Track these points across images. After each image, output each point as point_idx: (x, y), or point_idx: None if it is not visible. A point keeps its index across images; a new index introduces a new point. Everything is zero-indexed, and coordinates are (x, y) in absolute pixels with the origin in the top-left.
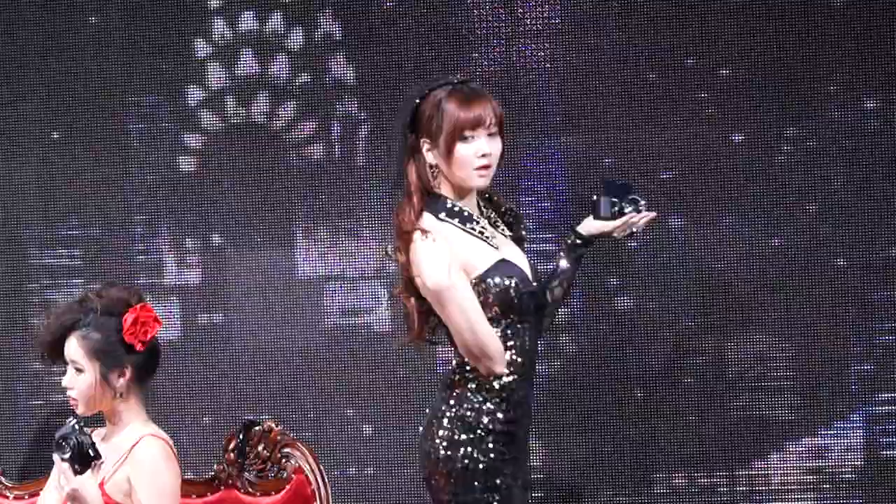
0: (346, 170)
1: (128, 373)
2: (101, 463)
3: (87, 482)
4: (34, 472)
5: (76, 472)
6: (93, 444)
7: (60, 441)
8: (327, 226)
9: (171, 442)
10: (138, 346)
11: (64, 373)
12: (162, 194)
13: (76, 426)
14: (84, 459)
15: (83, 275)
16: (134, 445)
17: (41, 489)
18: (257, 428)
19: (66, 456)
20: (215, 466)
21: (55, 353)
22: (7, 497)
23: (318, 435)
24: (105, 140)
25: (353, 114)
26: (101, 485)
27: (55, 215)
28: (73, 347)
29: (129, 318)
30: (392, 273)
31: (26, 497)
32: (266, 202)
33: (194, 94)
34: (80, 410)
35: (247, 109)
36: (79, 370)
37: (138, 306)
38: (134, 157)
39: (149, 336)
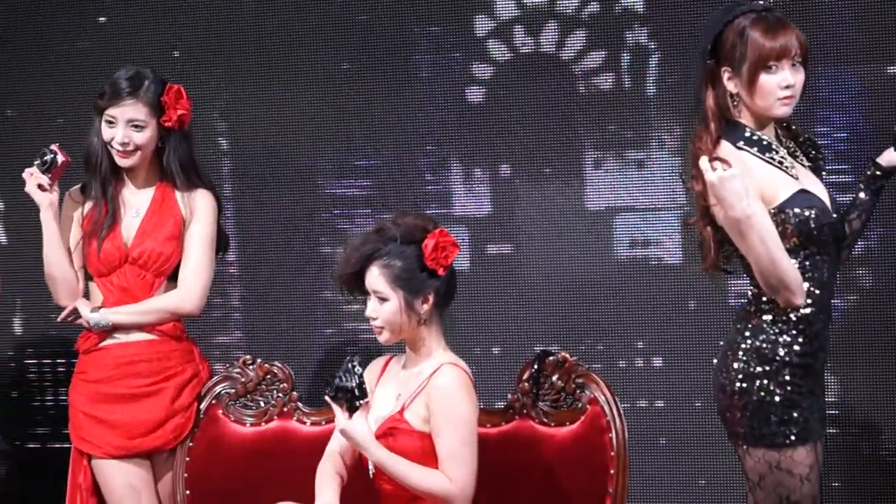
0: (636, 100)
1: (430, 298)
2: (367, 403)
3: (353, 423)
4: None
5: (347, 412)
6: (360, 384)
7: (330, 380)
8: (616, 157)
9: (469, 371)
10: (440, 271)
11: (362, 303)
12: (451, 125)
13: (350, 364)
14: (351, 401)
15: (373, 205)
16: (433, 373)
17: None
18: (551, 358)
19: (332, 395)
20: (509, 396)
21: (354, 285)
22: (304, 423)
23: (607, 366)
24: (394, 71)
25: (643, 43)
26: (402, 411)
27: (346, 146)
28: (375, 277)
29: (429, 243)
30: (683, 203)
31: (323, 423)
32: (555, 133)
33: (483, 24)
34: (384, 338)
35: (535, 39)
36: (382, 299)
37: (437, 231)
38: (423, 88)
39: (449, 260)
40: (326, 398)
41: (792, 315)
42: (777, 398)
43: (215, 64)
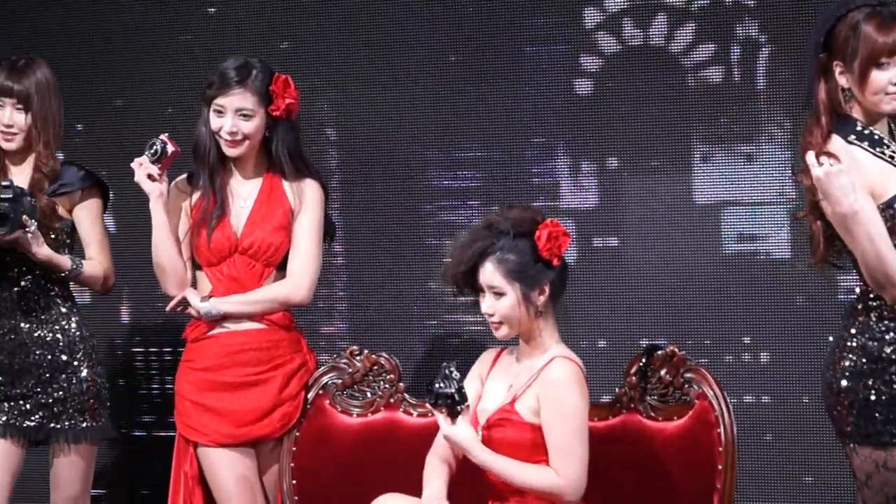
0: (746, 93)
1: (546, 290)
2: (468, 406)
3: (456, 428)
4: None
5: (449, 417)
6: (459, 389)
7: (429, 387)
8: (725, 150)
9: (582, 365)
10: (554, 262)
11: (471, 300)
12: (558, 117)
13: (448, 370)
14: (452, 406)
15: (480, 197)
16: (545, 366)
17: None
18: (660, 352)
19: (432, 401)
20: (616, 390)
21: (466, 282)
22: (411, 414)
23: (713, 361)
24: (502, 63)
25: (753, 36)
26: (513, 402)
27: (453, 138)
28: (490, 272)
29: (542, 234)
30: (792, 198)
31: (429, 415)
32: (663, 126)
33: (592, 16)
34: (502, 333)
35: (644, 31)
36: (498, 294)
37: (548, 222)
38: (531, 79)
39: (562, 250)
40: (427, 405)
41: None
42: (883, 397)
43: (323, 55)
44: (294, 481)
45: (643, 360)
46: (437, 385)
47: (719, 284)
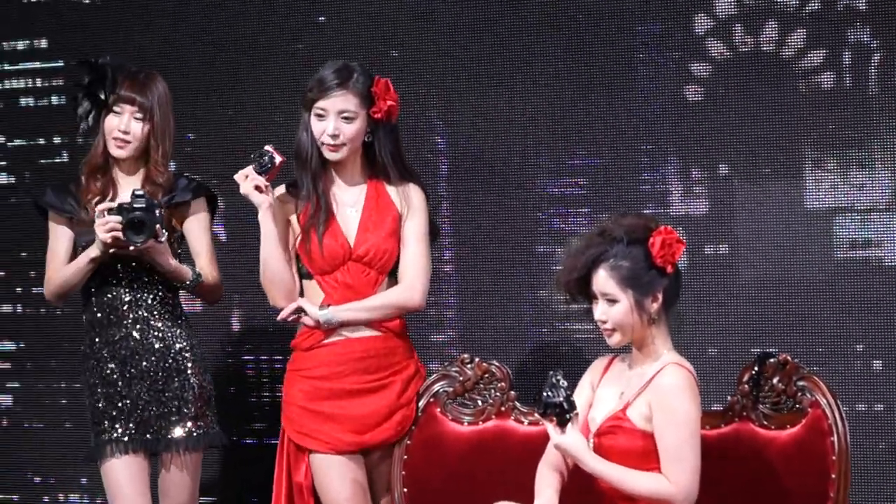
0: (857, 99)
1: (659, 297)
2: (577, 414)
3: (566, 437)
4: None
5: (559, 426)
6: (568, 398)
7: (538, 397)
8: (837, 156)
9: (694, 372)
10: (668, 269)
11: (584, 308)
12: (668, 124)
13: (555, 379)
14: (561, 415)
15: (590, 204)
16: (658, 373)
17: None
18: (772, 360)
19: (541, 411)
20: (728, 398)
21: (579, 290)
22: (522, 422)
23: (825, 369)
24: (613, 69)
25: (865, 42)
26: (624, 409)
27: (562, 145)
28: (604, 279)
29: (656, 241)
30: None
31: (540, 424)
32: (773, 132)
33: (702, 23)
34: (614, 341)
35: (754, 38)
36: (611, 301)
37: (661, 229)
38: (640, 86)
39: (676, 257)
40: (537, 415)
41: None
42: None
43: (433, 63)
44: (405, 489)
45: (756, 368)
46: (545, 394)
47: (831, 291)
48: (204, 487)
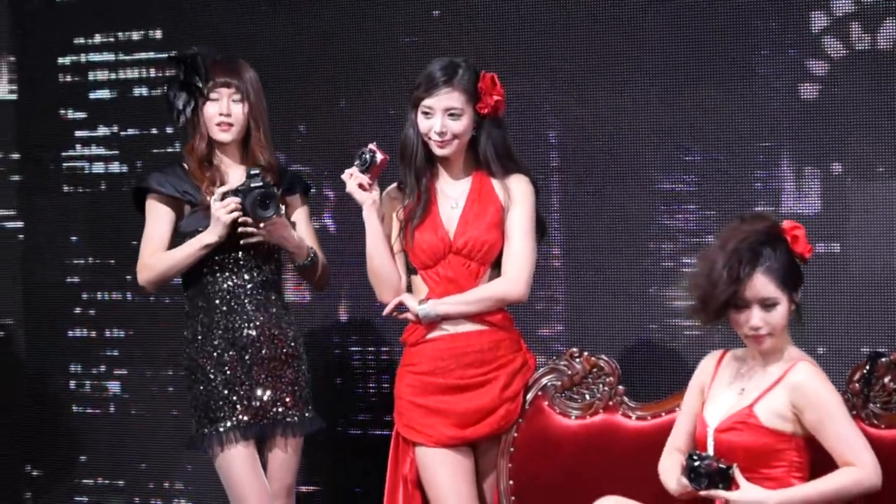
0: None
1: (800, 289)
2: (735, 467)
3: (744, 493)
4: (657, 394)
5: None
6: (718, 462)
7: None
8: None
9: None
10: (807, 257)
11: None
12: (783, 122)
13: (696, 459)
14: (724, 478)
15: (702, 201)
16: (789, 370)
17: (662, 412)
18: (884, 360)
19: (705, 486)
20: None
21: (727, 306)
22: (630, 417)
23: None
24: (730, 66)
25: None
26: (751, 406)
27: (676, 141)
28: (762, 284)
29: (796, 233)
30: None
31: (649, 418)
32: (888, 131)
33: (819, 20)
34: (768, 345)
35: (872, 36)
36: (771, 305)
37: (787, 224)
38: (757, 83)
39: (809, 245)
40: (702, 493)
41: None
42: None
43: (546, 57)
44: (511, 482)
45: (867, 367)
46: (697, 467)
47: None
48: (307, 475)
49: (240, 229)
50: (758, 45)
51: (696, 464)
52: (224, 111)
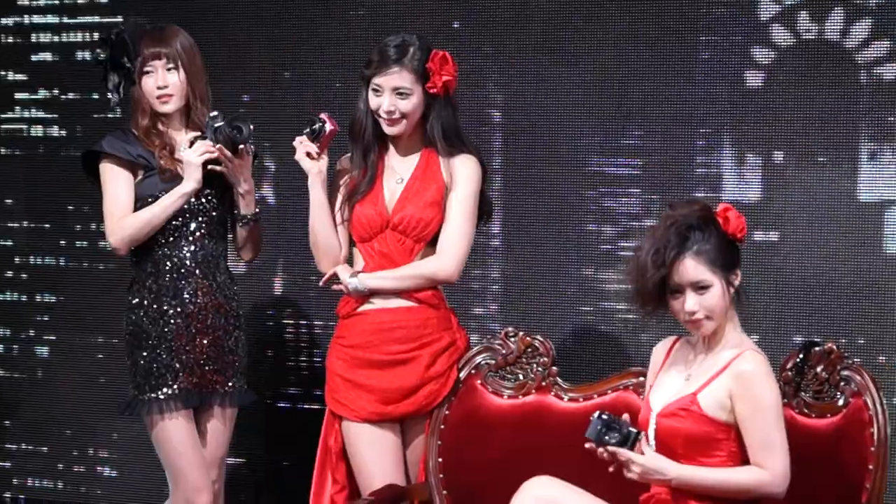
0: None
1: (738, 272)
2: (642, 434)
3: (647, 460)
4: (590, 376)
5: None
6: (627, 426)
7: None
8: (892, 148)
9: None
10: (740, 237)
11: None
12: (726, 109)
13: (600, 419)
14: (632, 444)
15: (642, 185)
16: (735, 359)
17: (594, 394)
18: (817, 349)
19: (601, 431)
20: None
21: (659, 291)
22: (562, 398)
23: (866, 360)
24: (673, 50)
25: None
26: (695, 393)
27: (617, 124)
28: (692, 268)
29: (728, 215)
30: None
31: (581, 400)
32: (832, 121)
33: (767, 8)
34: (707, 328)
35: (820, 26)
36: (703, 288)
37: (719, 204)
38: (701, 69)
39: (744, 227)
40: (605, 456)
41: None
42: None
43: (493, 37)
44: (440, 459)
45: (800, 356)
46: (607, 438)
47: (879, 284)
48: (236, 447)
49: (209, 166)
50: (705, 30)
51: (608, 419)
52: (161, 83)
